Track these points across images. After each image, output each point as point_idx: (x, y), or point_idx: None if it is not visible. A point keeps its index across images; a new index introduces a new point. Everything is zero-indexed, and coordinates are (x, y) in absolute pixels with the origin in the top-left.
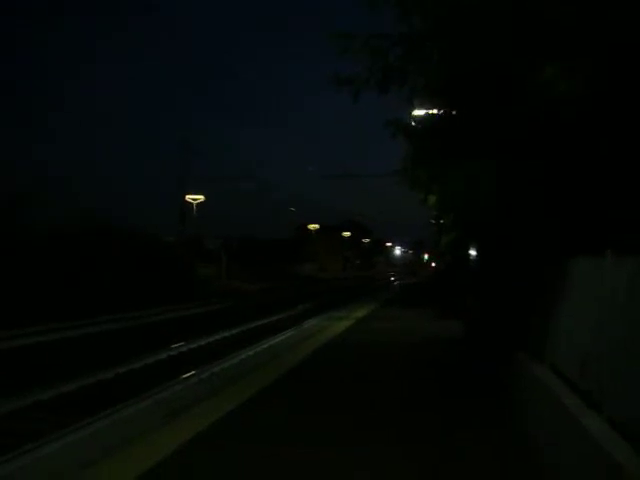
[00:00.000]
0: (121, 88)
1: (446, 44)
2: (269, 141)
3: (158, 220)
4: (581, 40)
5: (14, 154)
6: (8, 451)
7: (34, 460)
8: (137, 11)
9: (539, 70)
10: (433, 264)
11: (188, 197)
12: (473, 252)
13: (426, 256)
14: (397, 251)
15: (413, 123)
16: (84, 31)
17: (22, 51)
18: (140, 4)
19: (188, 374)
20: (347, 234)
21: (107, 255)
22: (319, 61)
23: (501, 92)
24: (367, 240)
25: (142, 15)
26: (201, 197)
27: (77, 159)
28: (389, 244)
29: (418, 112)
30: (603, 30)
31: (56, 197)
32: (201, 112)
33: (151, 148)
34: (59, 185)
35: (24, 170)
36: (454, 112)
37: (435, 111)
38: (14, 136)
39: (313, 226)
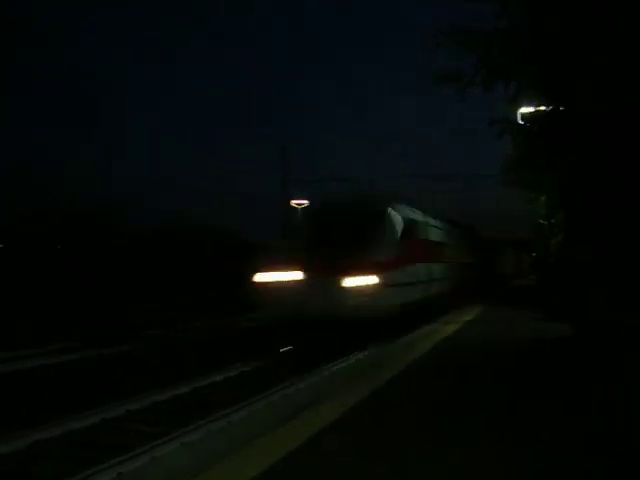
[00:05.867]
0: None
1: (547, 36)
2: (359, 143)
3: (256, 223)
4: None
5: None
6: (128, 450)
7: (152, 459)
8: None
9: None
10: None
11: (293, 202)
12: (584, 252)
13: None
14: None
15: (521, 121)
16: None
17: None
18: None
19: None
20: None
21: (224, 260)
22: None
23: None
24: None
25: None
26: (306, 202)
27: (175, 161)
28: None
29: (525, 110)
30: None
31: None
32: (283, 113)
33: (244, 149)
34: (155, 188)
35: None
36: (561, 108)
37: (542, 108)
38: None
39: None
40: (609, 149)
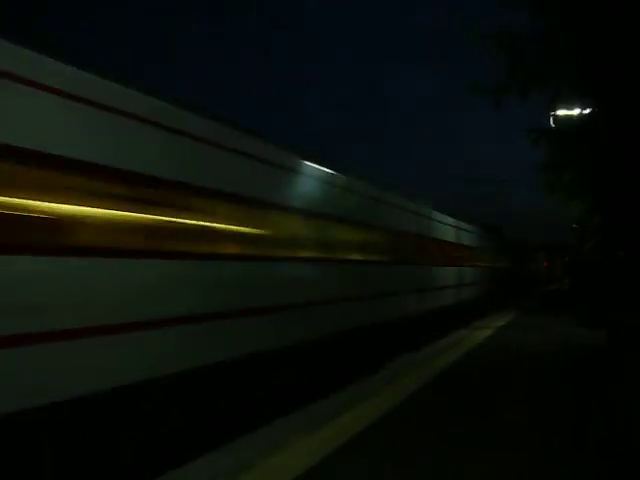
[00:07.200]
0: None
1: (582, 38)
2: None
3: None
4: None
5: None
6: None
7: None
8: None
9: None
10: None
11: None
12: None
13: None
14: None
15: (554, 125)
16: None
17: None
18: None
19: None
20: None
21: None
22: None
23: None
24: None
25: None
26: None
27: None
28: None
29: (561, 112)
30: None
31: None
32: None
33: None
34: None
35: None
36: (596, 111)
37: (578, 111)
38: None
39: None
40: None
